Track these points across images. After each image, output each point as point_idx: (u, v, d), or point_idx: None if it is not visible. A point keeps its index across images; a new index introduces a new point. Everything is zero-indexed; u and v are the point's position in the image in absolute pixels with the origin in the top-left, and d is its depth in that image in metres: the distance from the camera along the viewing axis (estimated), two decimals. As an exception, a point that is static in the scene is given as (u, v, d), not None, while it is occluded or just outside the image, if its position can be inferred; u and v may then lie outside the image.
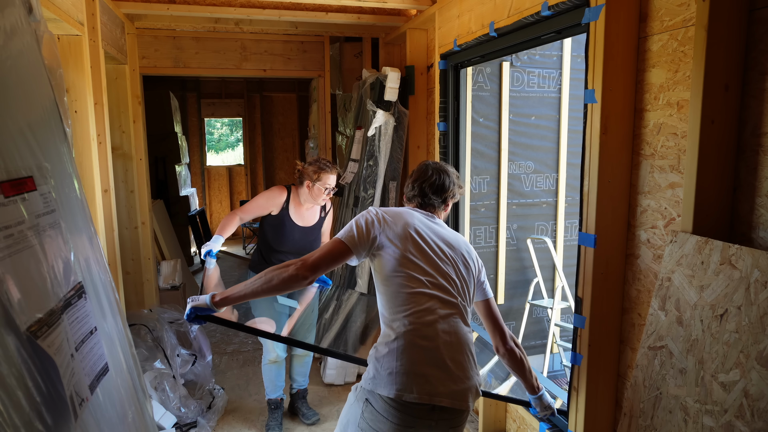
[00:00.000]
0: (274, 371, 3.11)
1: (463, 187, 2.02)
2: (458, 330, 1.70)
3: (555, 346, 3.59)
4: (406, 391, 1.58)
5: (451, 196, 1.95)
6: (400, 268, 1.71)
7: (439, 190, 1.91)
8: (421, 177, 1.94)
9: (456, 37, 2.87)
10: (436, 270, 1.73)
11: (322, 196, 2.88)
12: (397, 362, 1.61)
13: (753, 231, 1.44)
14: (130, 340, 1.50)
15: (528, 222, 3.67)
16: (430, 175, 1.92)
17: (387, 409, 1.59)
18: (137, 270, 3.88)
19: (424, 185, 1.91)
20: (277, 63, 4.37)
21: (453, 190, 1.94)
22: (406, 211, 1.87)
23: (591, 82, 1.78)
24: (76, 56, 2.53)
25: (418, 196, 1.92)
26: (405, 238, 1.74)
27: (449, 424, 1.66)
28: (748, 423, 1.25)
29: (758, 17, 1.41)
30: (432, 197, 1.91)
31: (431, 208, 1.92)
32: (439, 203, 1.92)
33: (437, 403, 1.59)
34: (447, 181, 1.92)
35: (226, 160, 13.46)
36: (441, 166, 1.96)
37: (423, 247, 1.75)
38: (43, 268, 1.04)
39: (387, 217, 1.79)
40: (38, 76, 1.21)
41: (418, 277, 1.70)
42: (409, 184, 1.96)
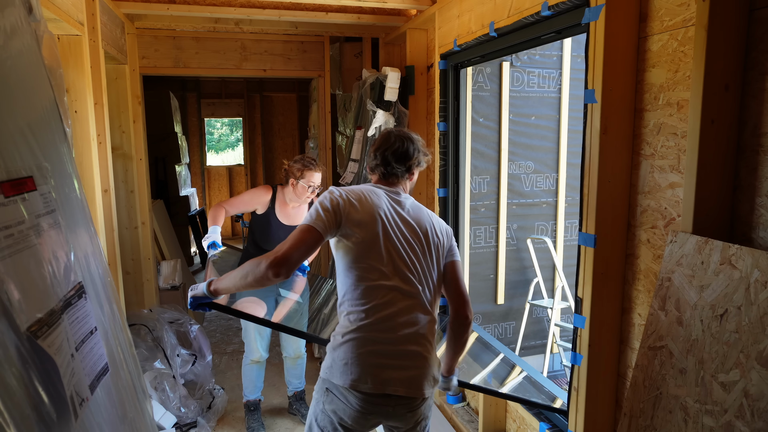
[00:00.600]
0: (255, 371, 3.12)
1: (429, 155, 1.93)
2: (417, 321, 1.69)
3: (555, 346, 3.59)
4: (360, 382, 1.61)
5: (416, 164, 1.87)
6: (361, 258, 1.67)
7: (403, 158, 1.82)
8: (383, 145, 1.85)
9: (456, 37, 2.87)
10: (399, 259, 1.70)
11: (306, 194, 2.86)
12: (352, 353, 1.63)
13: (753, 231, 1.44)
14: (130, 340, 1.50)
15: (528, 222, 3.67)
16: (392, 142, 1.84)
17: (346, 395, 1.63)
18: (137, 270, 3.88)
19: (386, 153, 1.82)
20: (277, 63, 4.37)
21: (418, 157, 1.86)
22: (370, 191, 1.79)
23: (591, 82, 1.78)
24: (76, 56, 2.53)
25: (381, 165, 1.84)
26: (368, 225, 1.69)
27: (407, 408, 1.69)
28: (748, 423, 1.25)
29: (758, 17, 1.41)
30: (395, 166, 1.82)
31: (394, 178, 1.85)
32: (403, 172, 1.84)
33: (391, 392, 1.63)
34: (411, 148, 1.83)
35: (226, 160, 13.47)
36: (405, 133, 1.88)
37: (387, 234, 1.70)
38: (44, 268, 1.04)
39: (352, 199, 1.72)
40: (38, 76, 1.21)
41: (379, 268, 1.67)
42: (371, 153, 1.88)
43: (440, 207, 3.26)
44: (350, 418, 1.64)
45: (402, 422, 1.72)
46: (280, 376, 3.75)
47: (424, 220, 1.81)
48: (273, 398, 3.53)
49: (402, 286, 1.68)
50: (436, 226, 1.83)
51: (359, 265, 1.67)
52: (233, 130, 13.81)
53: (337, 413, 1.65)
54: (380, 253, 1.68)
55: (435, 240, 1.79)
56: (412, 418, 1.72)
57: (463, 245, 3.28)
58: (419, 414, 1.73)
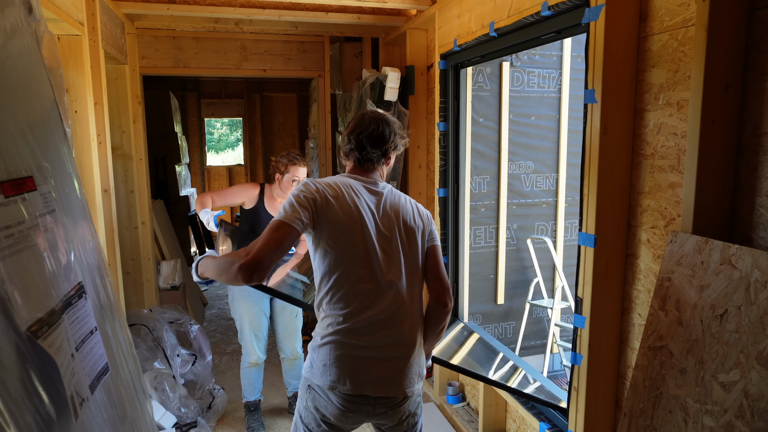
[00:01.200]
0: (254, 374, 3.12)
1: (406, 138, 1.85)
2: (398, 320, 1.66)
3: (555, 346, 3.59)
4: (339, 383, 1.61)
5: (393, 148, 1.78)
6: (338, 263, 1.62)
7: (379, 142, 1.74)
8: (357, 128, 1.76)
9: (456, 37, 2.87)
10: (378, 258, 1.64)
11: (291, 188, 2.90)
12: (331, 355, 1.62)
13: (753, 231, 1.44)
14: (130, 340, 1.50)
15: (528, 222, 3.67)
16: (367, 125, 1.75)
17: (327, 394, 1.64)
18: (137, 270, 3.88)
19: (361, 137, 1.74)
20: (277, 63, 4.37)
21: (394, 141, 1.77)
22: (347, 185, 1.71)
23: (591, 82, 1.78)
24: (76, 56, 2.53)
25: (355, 149, 1.76)
26: (345, 228, 1.62)
27: (387, 407, 1.68)
28: (748, 423, 1.25)
29: (758, 17, 1.41)
30: (370, 150, 1.74)
31: (370, 163, 1.77)
32: (379, 156, 1.76)
33: (370, 393, 1.63)
34: (387, 130, 1.75)
35: (226, 160, 13.46)
36: (380, 115, 1.78)
37: (365, 234, 1.64)
38: (44, 268, 1.04)
39: (329, 196, 1.64)
40: (38, 76, 1.21)
41: (356, 272, 1.62)
42: (345, 137, 1.79)
43: (440, 207, 3.26)
44: (332, 416, 1.65)
45: (385, 420, 1.72)
46: (280, 376, 3.75)
47: (403, 207, 1.76)
48: (273, 398, 3.53)
49: (381, 287, 1.64)
50: (415, 212, 1.78)
51: (336, 270, 1.63)
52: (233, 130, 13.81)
53: (320, 410, 1.67)
54: (358, 256, 1.62)
55: (414, 225, 1.75)
56: (395, 415, 1.71)
57: (463, 245, 3.27)
58: (403, 411, 1.72)
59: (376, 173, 1.80)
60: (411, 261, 1.72)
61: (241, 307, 2.95)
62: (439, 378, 3.41)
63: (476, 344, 2.96)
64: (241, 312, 2.95)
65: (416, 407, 1.78)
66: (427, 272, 1.78)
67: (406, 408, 1.73)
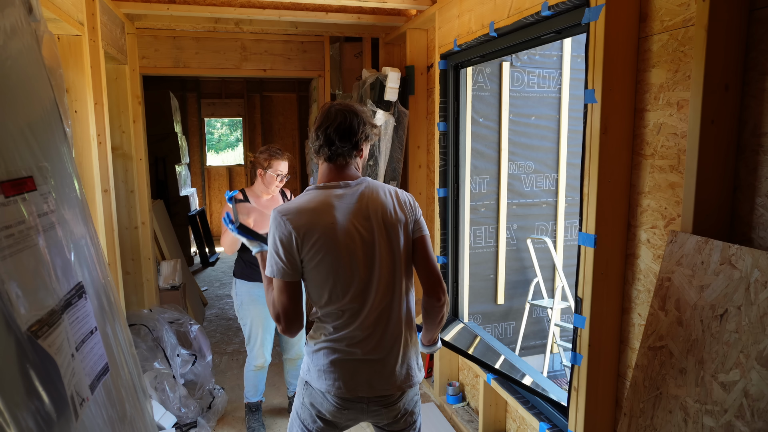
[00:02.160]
0: (259, 376, 3.11)
1: (378, 126, 1.79)
2: (386, 324, 1.68)
3: (555, 346, 3.59)
4: (334, 387, 1.67)
5: (364, 139, 1.71)
6: (321, 286, 1.64)
7: (347, 134, 1.66)
8: (324, 122, 1.68)
9: (456, 37, 2.87)
10: (360, 275, 1.64)
11: (275, 183, 2.90)
12: (325, 360, 1.68)
13: (753, 231, 1.44)
14: (130, 340, 1.50)
15: (528, 222, 3.67)
16: (334, 117, 1.67)
17: (323, 393, 1.70)
18: (137, 270, 3.88)
19: (328, 131, 1.66)
20: (277, 63, 4.37)
21: (365, 131, 1.70)
22: (318, 203, 1.64)
23: (591, 82, 1.78)
24: (76, 56, 2.53)
25: (324, 145, 1.68)
26: (323, 255, 1.61)
27: (381, 405, 1.72)
28: (748, 423, 1.25)
29: (758, 17, 1.41)
30: (340, 145, 1.67)
31: (342, 159, 1.69)
32: (350, 149, 1.68)
33: (364, 394, 1.69)
34: (355, 121, 1.67)
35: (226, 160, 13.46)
36: (346, 106, 1.71)
37: (341, 252, 1.62)
38: (44, 268, 1.04)
39: (301, 228, 1.60)
40: (38, 76, 1.21)
41: (336, 292, 1.64)
42: (313, 133, 1.72)
43: (440, 207, 3.26)
44: (328, 412, 1.70)
45: (380, 417, 1.75)
46: (280, 377, 3.75)
47: (383, 203, 1.69)
48: (273, 398, 3.53)
49: (367, 300, 1.65)
50: (396, 204, 1.71)
51: (319, 292, 1.65)
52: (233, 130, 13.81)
53: (315, 406, 1.71)
54: (338, 275, 1.63)
55: (396, 219, 1.68)
56: (390, 413, 1.74)
57: (463, 245, 3.27)
58: (398, 409, 1.74)
59: (350, 168, 1.73)
60: (394, 260, 1.69)
61: (251, 311, 2.94)
62: (439, 378, 3.41)
63: (478, 345, 2.96)
64: (252, 316, 2.94)
65: (413, 405, 1.79)
66: (417, 265, 1.75)
67: (402, 406, 1.74)
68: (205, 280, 6.58)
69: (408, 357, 1.74)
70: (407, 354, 1.74)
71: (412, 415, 1.79)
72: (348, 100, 1.81)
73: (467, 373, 3.28)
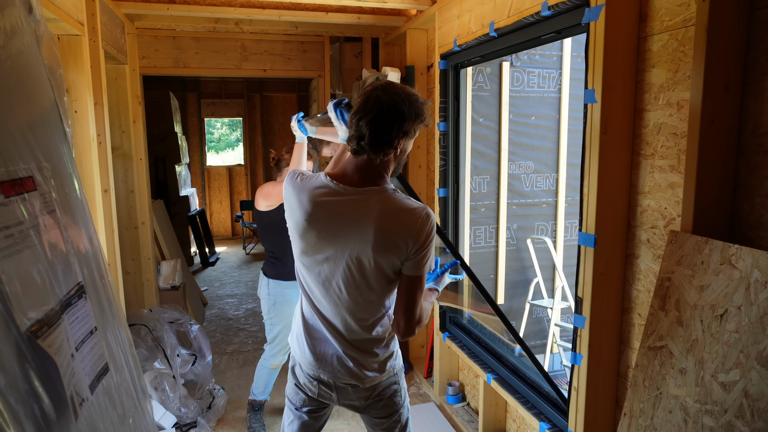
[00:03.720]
0: (273, 374, 3.11)
1: (427, 119, 1.51)
2: (343, 325, 1.64)
3: (555, 346, 3.59)
4: (298, 364, 1.79)
5: (402, 136, 1.45)
6: (297, 266, 1.68)
7: (379, 130, 1.42)
8: (359, 110, 1.44)
9: (456, 37, 2.87)
10: (318, 279, 1.61)
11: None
12: (296, 342, 1.79)
13: (753, 231, 1.44)
14: (130, 340, 1.50)
15: (528, 222, 3.67)
16: (371, 107, 1.42)
17: (299, 364, 1.80)
18: (137, 270, 3.88)
19: (361, 123, 1.43)
20: (277, 63, 4.37)
21: (403, 128, 1.43)
22: (309, 188, 1.56)
23: (591, 82, 1.78)
24: (76, 56, 2.53)
25: (353, 137, 1.46)
26: (299, 235, 1.59)
27: (349, 390, 1.74)
28: (748, 423, 1.25)
29: (758, 17, 1.41)
30: (369, 141, 1.43)
31: (368, 157, 1.48)
32: (379, 148, 1.45)
33: (322, 378, 1.73)
34: (392, 115, 1.41)
35: (226, 160, 13.45)
36: (391, 93, 1.43)
37: (309, 252, 1.58)
38: (44, 268, 1.04)
39: (298, 195, 1.57)
40: (38, 76, 1.21)
41: (306, 280, 1.67)
42: (350, 119, 1.49)
43: (440, 207, 3.26)
44: (303, 383, 1.79)
45: (352, 399, 1.77)
46: (280, 377, 3.76)
47: (382, 229, 1.48)
48: (273, 398, 3.53)
49: (322, 303, 1.66)
50: (385, 240, 1.48)
51: (298, 272, 1.73)
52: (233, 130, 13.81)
53: (296, 376, 1.83)
54: (306, 271, 1.66)
55: (385, 251, 1.50)
56: (361, 398, 1.76)
57: (463, 245, 3.27)
58: (368, 395, 1.75)
59: (372, 169, 1.52)
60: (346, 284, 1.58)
61: (284, 312, 2.91)
62: (439, 378, 3.41)
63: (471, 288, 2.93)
64: (283, 315, 2.92)
65: (390, 395, 1.78)
66: (398, 300, 1.58)
67: (367, 394, 1.74)
68: (205, 280, 6.59)
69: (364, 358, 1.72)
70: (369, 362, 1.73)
71: (390, 405, 1.81)
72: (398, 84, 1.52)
73: (467, 373, 3.28)
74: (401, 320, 1.55)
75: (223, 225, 9.17)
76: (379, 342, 1.70)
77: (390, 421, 1.80)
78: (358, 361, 1.68)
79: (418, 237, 1.48)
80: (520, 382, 2.52)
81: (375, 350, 1.69)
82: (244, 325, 4.95)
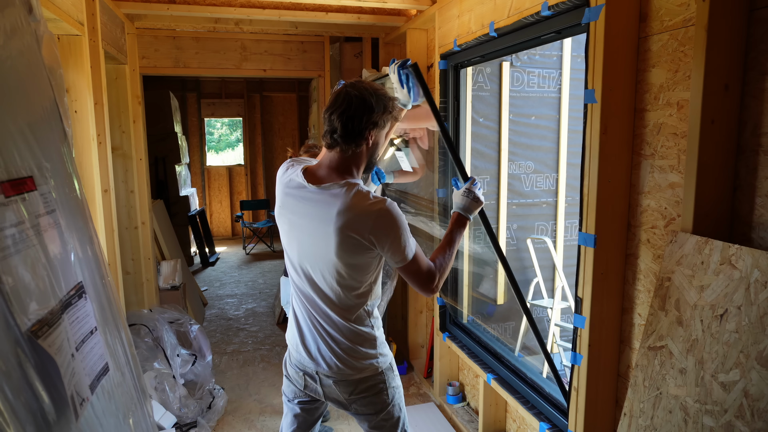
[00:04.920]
0: None
1: (394, 109, 1.59)
2: (321, 314, 1.67)
3: (555, 346, 3.59)
4: (289, 355, 1.85)
5: (371, 127, 1.52)
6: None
7: (350, 122, 1.49)
8: (330, 106, 1.53)
9: (456, 37, 2.87)
10: (304, 266, 1.65)
11: None
12: (289, 333, 1.86)
13: (753, 231, 1.44)
14: (130, 340, 1.50)
15: (528, 222, 3.67)
16: (341, 101, 1.50)
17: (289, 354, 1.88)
18: (137, 270, 3.88)
19: (332, 117, 1.52)
20: (277, 63, 4.37)
21: (372, 119, 1.51)
22: (285, 179, 1.65)
23: (591, 82, 1.78)
24: (76, 56, 2.53)
25: (326, 132, 1.54)
26: (278, 224, 1.71)
27: (330, 381, 1.74)
28: (748, 423, 1.25)
29: (758, 17, 1.41)
30: (341, 134, 1.50)
31: (339, 148, 1.54)
32: (350, 139, 1.51)
33: (307, 370, 1.77)
34: (362, 107, 1.49)
35: (226, 160, 13.44)
36: (359, 88, 1.52)
37: (291, 237, 1.67)
38: (44, 268, 1.04)
39: (278, 184, 1.69)
40: (38, 76, 1.21)
41: (290, 270, 1.71)
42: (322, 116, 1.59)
43: (440, 207, 3.26)
44: (289, 371, 1.86)
45: (330, 391, 1.78)
46: (280, 377, 3.75)
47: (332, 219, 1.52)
48: (273, 398, 3.53)
49: (302, 287, 1.71)
50: (347, 229, 1.51)
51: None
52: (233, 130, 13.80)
53: (287, 368, 1.88)
54: (288, 252, 1.73)
55: (342, 244, 1.53)
56: (334, 391, 1.75)
57: (463, 245, 3.27)
58: (341, 389, 1.73)
59: (343, 162, 1.57)
60: (332, 274, 1.61)
61: None
62: (439, 378, 3.41)
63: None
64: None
65: (376, 392, 1.75)
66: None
67: (355, 390, 1.73)
68: (205, 280, 6.59)
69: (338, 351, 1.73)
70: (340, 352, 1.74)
71: (366, 401, 1.78)
72: (366, 81, 1.63)
73: (467, 373, 3.28)
74: (417, 290, 1.66)
75: (223, 225, 9.17)
76: (359, 337, 1.70)
77: (377, 418, 1.77)
78: (338, 355, 1.68)
79: (374, 233, 1.51)
80: (520, 382, 2.52)
81: (355, 345, 1.69)
82: (244, 325, 4.96)
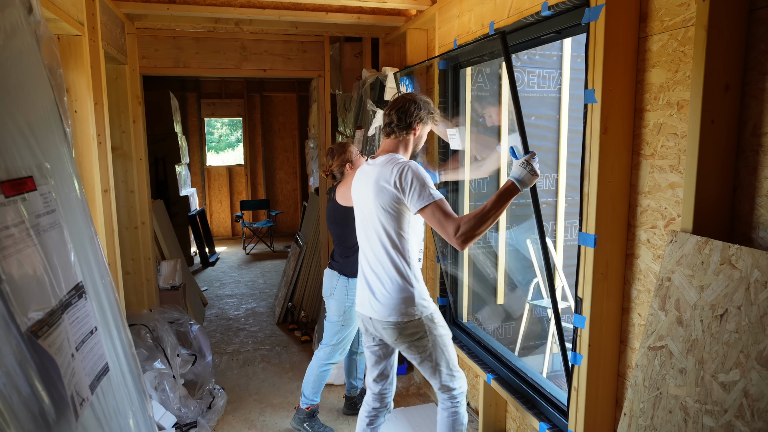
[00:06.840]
0: (329, 374, 3.07)
1: (434, 113, 2.20)
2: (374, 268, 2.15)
3: (555, 346, 3.59)
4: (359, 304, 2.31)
5: (418, 120, 2.15)
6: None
7: (403, 114, 2.13)
8: (388, 106, 2.19)
9: (456, 37, 2.87)
10: (363, 229, 2.21)
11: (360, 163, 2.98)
12: (358, 285, 2.30)
13: (753, 231, 1.44)
14: (130, 340, 1.50)
15: (528, 222, 3.67)
16: (395, 102, 2.17)
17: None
18: (137, 270, 3.88)
19: (390, 111, 2.16)
20: (277, 63, 4.37)
21: (419, 114, 2.14)
22: (357, 173, 2.28)
23: (591, 82, 1.78)
24: (76, 56, 2.53)
25: (386, 123, 2.18)
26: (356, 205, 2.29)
27: (380, 326, 2.17)
28: (748, 423, 1.26)
29: (758, 17, 1.41)
30: (396, 123, 2.14)
31: (394, 135, 2.17)
32: (402, 127, 2.14)
33: (364, 315, 2.24)
34: (412, 106, 2.13)
35: (226, 160, 13.45)
36: (410, 94, 2.19)
37: (356, 209, 2.27)
38: (44, 268, 1.04)
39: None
40: (38, 76, 1.21)
41: (358, 230, 2.27)
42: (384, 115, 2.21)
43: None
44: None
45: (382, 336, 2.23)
46: (280, 377, 3.76)
47: (378, 177, 2.08)
48: (273, 398, 3.53)
49: (366, 247, 2.21)
50: (387, 180, 2.05)
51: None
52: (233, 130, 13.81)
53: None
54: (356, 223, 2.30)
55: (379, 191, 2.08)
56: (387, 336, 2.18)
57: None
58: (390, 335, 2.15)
59: (395, 144, 2.17)
60: (378, 231, 2.12)
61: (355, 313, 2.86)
62: (439, 378, 3.40)
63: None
64: (354, 317, 2.92)
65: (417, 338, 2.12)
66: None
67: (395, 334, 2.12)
68: (205, 280, 6.59)
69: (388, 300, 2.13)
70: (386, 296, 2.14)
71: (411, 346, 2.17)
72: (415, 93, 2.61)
73: (467, 373, 3.28)
74: (445, 238, 1.96)
75: (223, 225, 9.17)
76: (400, 288, 2.10)
77: (420, 359, 2.18)
78: (382, 303, 2.11)
79: (399, 179, 2.03)
80: (520, 382, 2.52)
81: (397, 295, 2.09)
82: (244, 325, 4.96)
